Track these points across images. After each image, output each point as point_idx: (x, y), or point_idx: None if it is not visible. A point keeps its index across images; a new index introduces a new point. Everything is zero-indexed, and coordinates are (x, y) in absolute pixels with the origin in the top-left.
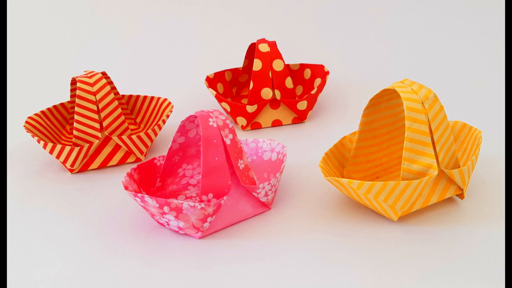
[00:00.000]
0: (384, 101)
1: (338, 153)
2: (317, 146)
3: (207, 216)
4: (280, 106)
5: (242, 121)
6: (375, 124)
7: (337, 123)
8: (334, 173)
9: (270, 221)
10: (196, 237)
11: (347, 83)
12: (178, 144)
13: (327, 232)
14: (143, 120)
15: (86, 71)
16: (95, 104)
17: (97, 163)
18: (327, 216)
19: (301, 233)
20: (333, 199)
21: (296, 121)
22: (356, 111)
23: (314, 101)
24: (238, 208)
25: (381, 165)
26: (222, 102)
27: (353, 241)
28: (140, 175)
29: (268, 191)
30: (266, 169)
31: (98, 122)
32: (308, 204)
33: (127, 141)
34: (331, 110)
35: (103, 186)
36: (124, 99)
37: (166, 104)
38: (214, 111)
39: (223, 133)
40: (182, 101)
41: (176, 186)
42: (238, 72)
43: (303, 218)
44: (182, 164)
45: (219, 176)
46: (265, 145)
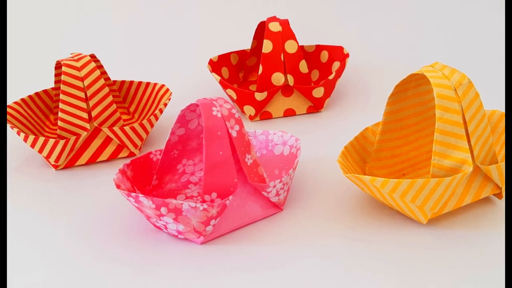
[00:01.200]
0: (411, 88)
1: (359, 147)
2: (336, 139)
3: (210, 219)
4: (293, 94)
5: (250, 111)
6: (401, 114)
7: (358, 113)
8: (355, 169)
9: (281, 224)
10: (198, 242)
11: (369, 67)
12: (177, 136)
13: (347, 237)
14: (137, 109)
15: (73, 54)
16: (83, 91)
17: (85, 158)
18: (347, 218)
19: (317, 237)
20: (354, 199)
21: (312, 110)
22: (380, 99)
23: (332, 88)
24: (245, 209)
25: (408, 160)
26: (228, 89)
27: (376, 247)
28: (134, 172)
29: (280, 190)
30: (278, 165)
31: (86, 112)
32: (325, 205)
33: (119, 133)
34: (351, 98)
35: (92, 184)
36: (115, 86)
37: (164, 91)
38: (218, 99)
39: (228, 124)
40: (181, 88)
41: (175, 184)
42: (246, 54)
43: (319, 220)
44: (181, 159)
45: (223, 173)
46: (276, 138)
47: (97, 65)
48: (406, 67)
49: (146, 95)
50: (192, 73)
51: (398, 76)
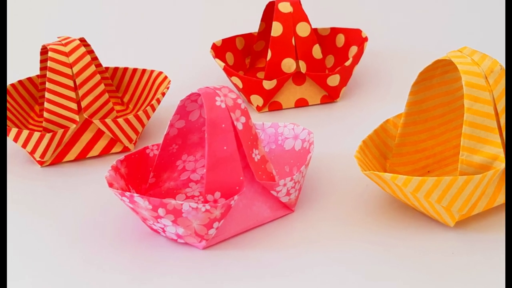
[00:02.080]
0: (437, 75)
1: (379, 141)
2: (353, 132)
3: (213, 221)
4: (306, 82)
5: (258, 101)
6: (426, 104)
7: (377, 103)
8: (374, 166)
9: (293, 226)
10: (200, 247)
11: (390, 52)
12: (176, 129)
13: (365, 241)
14: (132, 99)
15: (60, 38)
16: (72, 78)
17: (74, 153)
18: (365, 220)
19: (331, 242)
20: (373, 199)
21: (326, 100)
22: (402, 88)
23: (349, 75)
24: (252, 210)
25: (433, 156)
26: (233, 77)
27: (398, 253)
28: (129, 169)
29: (291, 189)
30: (288, 161)
31: (75, 102)
32: (341, 206)
33: (112, 126)
34: (370, 87)
35: (82, 183)
36: (108, 73)
37: (162, 79)
38: (222, 87)
39: (233, 115)
40: (181, 75)
41: (174, 182)
42: (253, 38)
43: (334, 223)
44: (181, 154)
45: (228, 170)
46: (287, 131)
47: (88, 50)
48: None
49: (142, 83)
50: (193, 59)
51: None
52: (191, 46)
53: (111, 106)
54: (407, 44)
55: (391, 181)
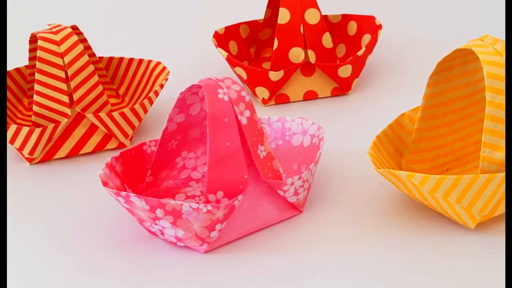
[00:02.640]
0: (456, 66)
1: (394, 137)
2: (366, 127)
3: (215, 223)
4: (315, 73)
5: (264, 93)
6: (444, 97)
7: (392, 96)
8: (389, 163)
9: (301, 229)
10: (201, 251)
11: (406, 41)
12: (175, 124)
13: (379, 244)
14: (128, 91)
15: (51, 25)
16: (63, 69)
17: (66, 150)
18: (379, 222)
19: (343, 245)
20: (387, 199)
21: (337, 92)
22: (419, 79)
23: (362, 66)
24: (257, 211)
25: (452, 152)
26: (236, 67)
27: (415, 257)
28: (124, 167)
29: (299, 188)
30: (296, 158)
31: (66, 94)
32: (353, 206)
33: (107, 120)
34: (384, 78)
35: (74, 182)
36: (102, 63)
37: (160, 70)
38: (225, 79)
39: (237, 109)
40: (181, 66)
41: (173, 181)
42: (258, 26)
43: (346, 225)
44: (181, 151)
45: (231, 168)
46: (295, 126)
47: (80, 38)
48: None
49: (139, 74)
50: (194, 48)
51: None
52: (191, 34)
53: (106, 99)
54: (424, 32)
55: (407, 180)
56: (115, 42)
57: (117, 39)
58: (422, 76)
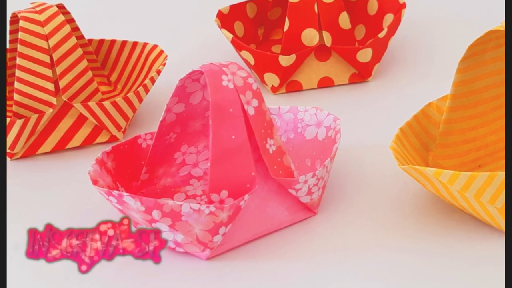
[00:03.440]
0: (490, 49)
1: (420, 129)
2: (388, 118)
3: (219, 226)
4: (331, 57)
5: (273, 80)
6: (476, 85)
7: (418, 83)
8: (414, 158)
9: (315, 232)
10: (203, 258)
11: (433, 21)
12: (174, 114)
13: (403, 250)
14: (120, 78)
15: (34, 3)
16: (48, 53)
17: (51, 144)
18: (403, 225)
19: (362, 251)
20: (412, 199)
21: (356, 79)
22: (448, 65)
23: (384, 49)
24: (266, 213)
25: (485, 146)
26: (243, 51)
27: (443, 263)
28: (117, 163)
29: (313, 186)
30: (310, 153)
31: (52, 82)
32: (373, 208)
33: (97, 110)
34: (408, 63)
35: (60, 180)
36: (91, 46)
37: (157, 54)
38: (230, 64)
39: (243, 97)
40: (180, 49)
41: (171, 179)
42: (267, 4)
43: (365, 228)
44: (180, 145)
45: (237, 164)
46: (308, 117)
47: (67, 18)
48: (482, 22)
49: (133, 59)
50: (195, 30)
51: (471, 33)
52: (192, 13)
53: (96, 87)
54: (454, 11)
55: (434, 177)
56: (106, 23)
57: (108, 19)
58: (451, 61)
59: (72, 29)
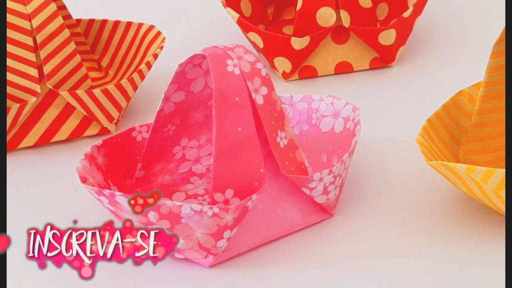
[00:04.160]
0: None
1: (449, 120)
2: (413, 108)
3: (223, 229)
4: (350, 39)
5: (285, 65)
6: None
7: (447, 69)
8: (443, 153)
9: (332, 237)
10: (205, 265)
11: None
12: (173, 104)
13: (432, 257)
14: (112, 63)
15: None
16: (31, 35)
17: (34, 137)
18: (431, 229)
19: (385, 258)
20: (441, 199)
21: (378, 64)
22: (481, 48)
23: (409, 30)
24: (277, 215)
25: None
26: (250, 32)
27: (477, 273)
28: (109, 158)
29: (329, 185)
30: (326, 147)
31: (35, 67)
32: (397, 209)
33: (86, 99)
34: (436, 46)
35: (45, 177)
36: (80, 27)
37: (153, 35)
38: (236, 47)
39: (251, 85)
40: (180, 31)
41: (170, 176)
42: None
43: (388, 232)
44: (180, 139)
45: (243, 160)
46: (324, 106)
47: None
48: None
49: (127, 41)
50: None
51: None
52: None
53: (85, 73)
54: None
55: (465, 175)
56: (96, 1)
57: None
58: (485, 44)
59: (58, 7)
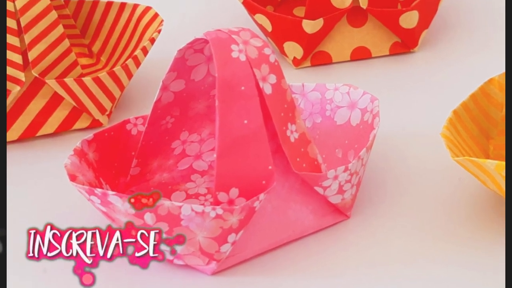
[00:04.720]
0: None
1: (478, 112)
2: (438, 97)
3: (227, 232)
4: (368, 22)
5: (296, 51)
6: None
7: (475, 55)
8: (471, 149)
9: (348, 241)
10: (207, 273)
11: None
12: (172, 93)
13: (458, 263)
14: (105, 48)
15: None
16: (14, 18)
17: (18, 130)
18: (457, 232)
19: (406, 265)
20: (469, 199)
21: (399, 50)
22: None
23: (433, 12)
24: (286, 216)
25: None
26: (257, 14)
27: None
28: (100, 154)
29: (345, 184)
30: (341, 141)
31: (19, 53)
32: (420, 210)
33: (75, 89)
34: (463, 31)
35: (30, 174)
36: (69, 9)
37: (150, 18)
38: (241, 31)
39: (258, 73)
40: (179, 13)
41: (168, 174)
42: None
43: (410, 236)
44: (179, 132)
45: (250, 156)
46: (340, 97)
47: None
48: None
49: (120, 24)
50: None
51: None
52: None
53: (74, 59)
54: None
55: (496, 172)
56: None
57: None
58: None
59: None
